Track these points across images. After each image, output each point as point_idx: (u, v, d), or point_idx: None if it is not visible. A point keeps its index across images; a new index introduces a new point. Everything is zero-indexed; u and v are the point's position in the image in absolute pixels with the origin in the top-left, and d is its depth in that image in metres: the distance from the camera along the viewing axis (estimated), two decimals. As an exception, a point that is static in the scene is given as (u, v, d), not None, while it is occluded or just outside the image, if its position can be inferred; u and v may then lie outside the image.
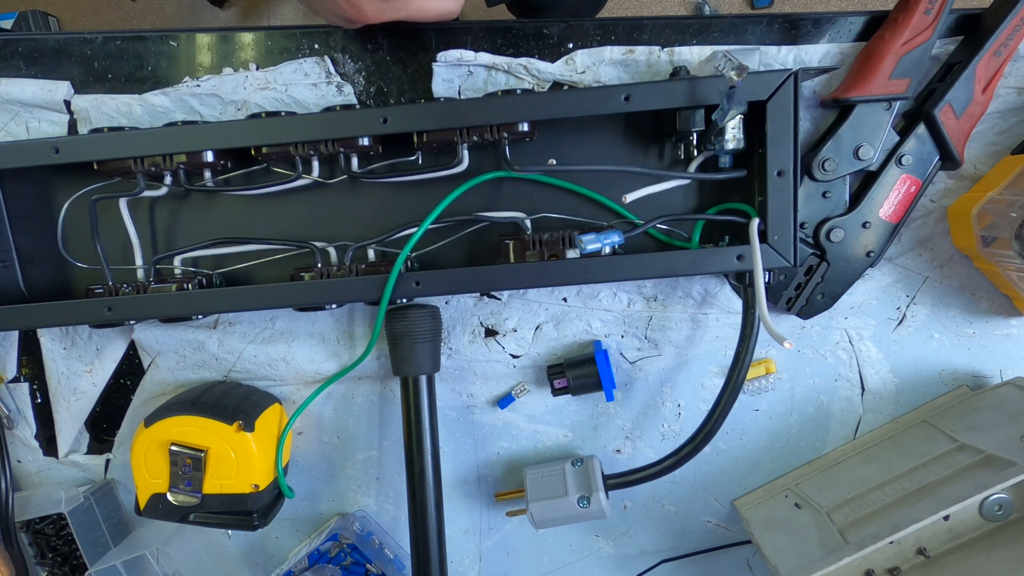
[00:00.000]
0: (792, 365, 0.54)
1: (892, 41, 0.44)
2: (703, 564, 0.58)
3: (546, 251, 0.46)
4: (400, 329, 0.49)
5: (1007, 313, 0.52)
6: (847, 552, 0.43)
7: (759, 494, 0.55)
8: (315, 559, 0.56)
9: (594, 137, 0.48)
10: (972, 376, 0.53)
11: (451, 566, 0.58)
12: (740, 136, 0.44)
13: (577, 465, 0.53)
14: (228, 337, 0.53)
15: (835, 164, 0.47)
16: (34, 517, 0.55)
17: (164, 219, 0.51)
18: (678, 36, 0.48)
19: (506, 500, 0.56)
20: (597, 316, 0.53)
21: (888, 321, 0.53)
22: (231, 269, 0.51)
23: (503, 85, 0.49)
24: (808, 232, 0.49)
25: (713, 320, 0.53)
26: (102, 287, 0.48)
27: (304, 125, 0.44)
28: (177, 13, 1.57)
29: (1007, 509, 0.44)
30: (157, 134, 0.44)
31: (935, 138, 0.47)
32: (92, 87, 0.50)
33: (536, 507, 0.50)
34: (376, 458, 0.57)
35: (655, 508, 0.57)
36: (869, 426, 0.54)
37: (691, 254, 0.45)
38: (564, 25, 0.48)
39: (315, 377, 0.54)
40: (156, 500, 0.50)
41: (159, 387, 0.55)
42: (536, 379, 0.54)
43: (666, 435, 0.55)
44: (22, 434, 0.56)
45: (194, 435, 0.48)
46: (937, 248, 0.51)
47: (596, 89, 0.43)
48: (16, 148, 0.45)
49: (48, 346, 0.54)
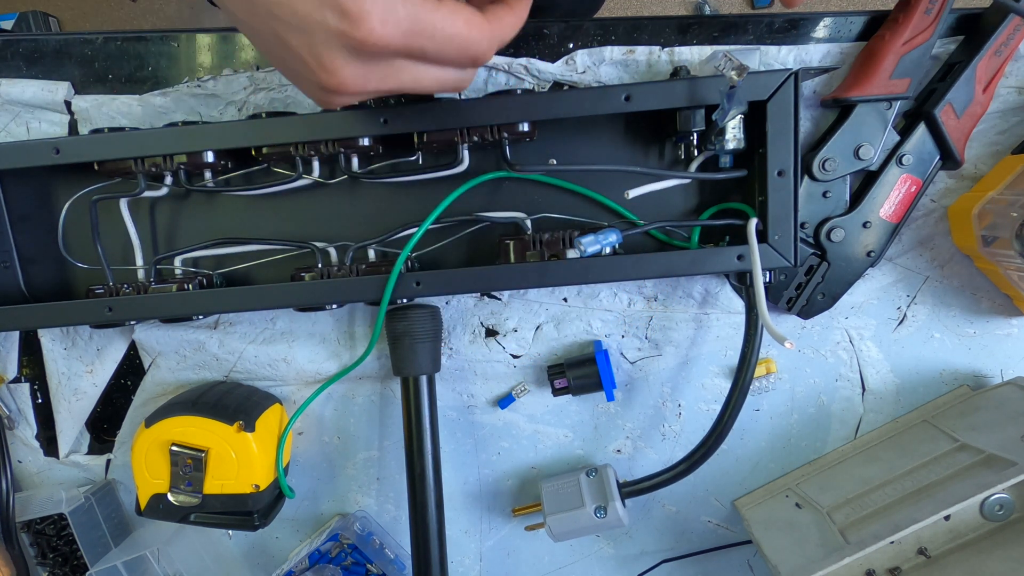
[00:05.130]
0: (793, 365, 0.54)
1: (892, 41, 0.44)
2: (703, 564, 0.58)
3: (546, 251, 0.46)
4: (400, 329, 0.49)
5: (1008, 313, 0.52)
6: (848, 552, 0.43)
7: (760, 494, 0.55)
8: (316, 559, 0.56)
9: (594, 137, 0.48)
10: (973, 376, 0.53)
11: (451, 566, 0.58)
12: (740, 136, 0.44)
13: (592, 475, 0.53)
14: (229, 337, 0.53)
15: (835, 164, 0.47)
16: (35, 517, 0.55)
17: (164, 219, 0.51)
18: (678, 36, 0.48)
19: (523, 515, 0.56)
20: (597, 316, 0.53)
21: (889, 321, 0.53)
22: (231, 269, 0.51)
23: (503, 85, 0.49)
24: (809, 232, 0.49)
25: (714, 320, 0.53)
26: (103, 287, 0.48)
27: (304, 125, 0.44)
28: (177, 13, 1.57)
29: (1008, 509, 0.44)
30: (157, 134, 0.44)
31: (936, 138, 0.47)
32: (93, 87, 0.50)
33: (554, 520, 0.50)
34: (377, 458, 0.57)
35: (656, 508, 0.57)
36: (870, 426, 0.54)
37: (691, 254, 0.45)
38: (564, 25, 0.48)
39: (316, 377, 0.54)
40: (157, 500, 0.50)
41: (160, 387, 0.55)
42: (536, 379, 0.54)
43: (667, 435, 0.55)
44: (23, 434, 0.56)
45: (195, 435, 0.48)
46: (938, 248, 0.51)
47: (596, 89, 0.43)
48: (17, 148, 0.45)
49: (49, 346, 0.54)
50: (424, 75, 0.32)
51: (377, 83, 0.31)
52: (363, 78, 0.30)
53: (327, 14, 0.28)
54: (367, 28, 0.28)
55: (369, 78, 0.30)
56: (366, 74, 0.30)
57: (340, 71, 0.30)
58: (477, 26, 0.31)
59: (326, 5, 0.27)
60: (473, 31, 0.31)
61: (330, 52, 0.29)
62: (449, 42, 0.31)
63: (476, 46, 0.31)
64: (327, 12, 0.28)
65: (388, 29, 0.28)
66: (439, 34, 0.30)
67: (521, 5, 0.35)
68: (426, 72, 0.32)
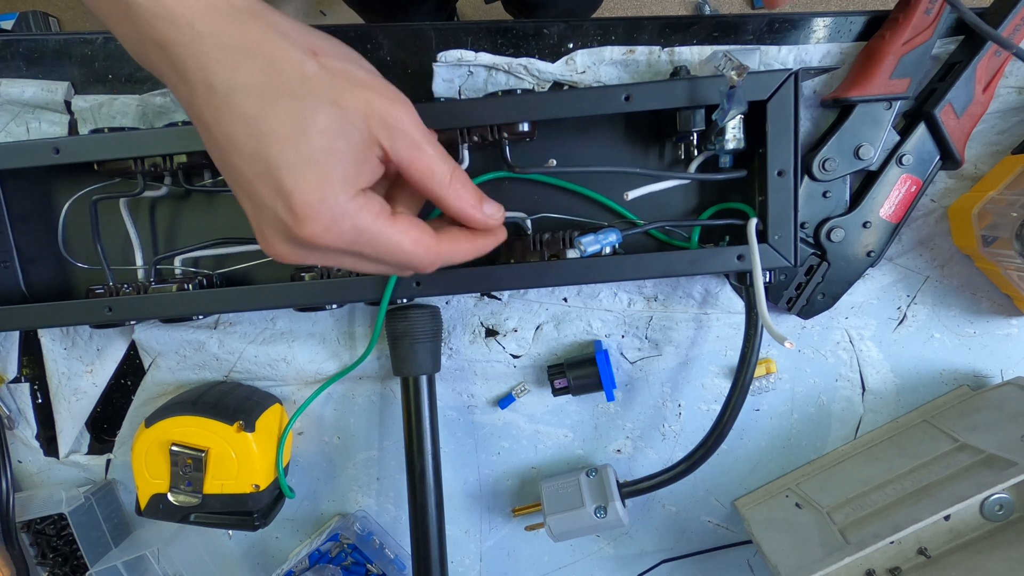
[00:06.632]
0: (793, 365, 0.54)
1: (892, 41, 0.44)
2: (703, 564, 0.58)
3: (546, 251, 0.46)
4: (401, 329, 0.49)
5: (1008, 313, 0.52)
6: (848, 552, 0.43)
7: (760, 494, 0.55)
8: (316, 559, 0.56)
9: (594, 137, 0.48)
10: (973, 376, 0.53)
11: (452, 566, 0.58)
12: (740, 136, 0.44)
13: (592, 475, 0.53)
14: (229, 337, 0.53)
15: (835, 164, 0.47)
16: (35, 517, 0.55)
17: (164, 219, 0.51)
18: (678, 36, 0.48)
19: (523, 515, 0.56)
20: (597, 316, 0.53)
21: (889, 321, 0.53)
22: (231, 269, 0.51)
23: (503, 85, 0.49)
24: (808, 232, 0.49)
25: (714, 320, 0.53)
26: (103, 287, 0.48)
27: (304, 125, 0.44)
28: (177, 13, 1.57)
29: (1008, 509, 0.44)
30: (157, 134, 0.44)
31: (936, 138, 0.47)
32: (93, 87, 0.50)
33: (553, 520, 0.51)
34: (376, 458, 0.57)
35: (655, 508, 0.57)
36: (870, 426, 0.54)
37: (691, 254, 0.45)
38: (564, 25, 0.48)
39: (316, 377, 0.54)
40: (157, 500, 0.50)
41: (160, 387, 0.55)
42: (536, 379, 0.54)
43: (667, 435, 0.55)
44: (23, 434, 0.56)
45: (195, 435, 0.48)
46: (938, 248, 0.51)
47: (596, 89, 0.43)
48: (17, 148, 0.45)
49: (49, 346, 0.54)
50: (359, 266, 0.33)
51: (313, 261, 0.32)
52: (297, 257, 0.31)
53: (278, 203, 0.29)
54: (309, 231, 0.29)
55: (304, 258, 0.31)
56: (301, 256, 0.31)
57: (276, 247, 0.31)
58: (424, 246, 0.32)
59: (279, 196, 0.28)
60: (418, 248, 0.32)
61: (272, 231, 0.30)
62: (389, 253, 0.31)
63: (416, 261, 0.32)
64: (278, 202, 0.28)
65: (329, 237, 0.29)
66: (381, 246, 0.31)
67: (483, 240, 0.36)
68: (361, 264, 0.33)
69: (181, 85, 0.28)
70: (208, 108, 0.28)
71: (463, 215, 0.34)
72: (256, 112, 0.27)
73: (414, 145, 0.30)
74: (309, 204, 0.28)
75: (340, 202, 0.29)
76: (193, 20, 0.27)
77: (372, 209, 0.30)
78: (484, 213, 0.34)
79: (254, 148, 0.28)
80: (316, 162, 0.28)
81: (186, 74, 0.28)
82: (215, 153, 0.30)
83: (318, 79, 0.28)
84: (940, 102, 0.45)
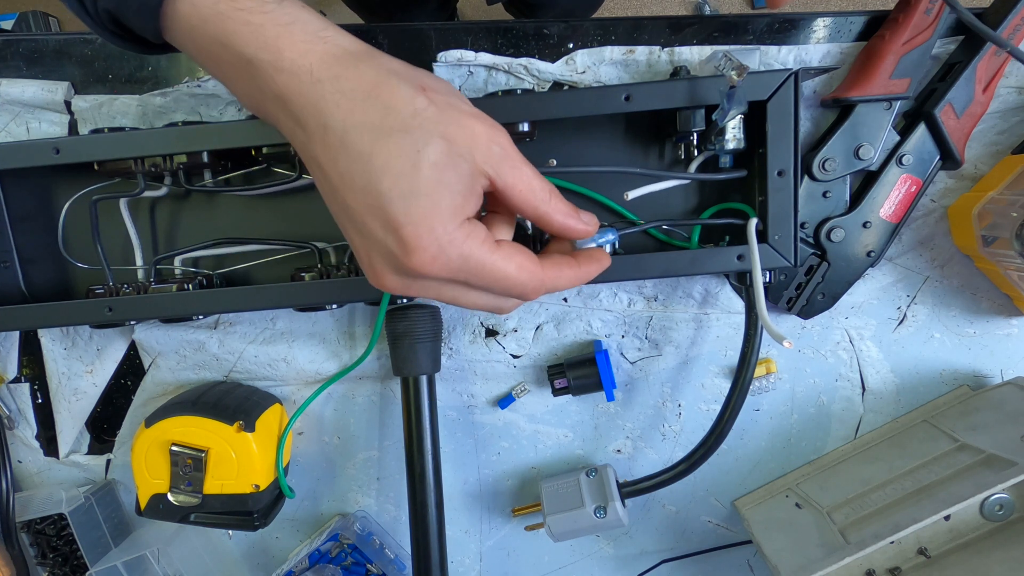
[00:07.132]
0: (793, 365, 0.54)
1: (892, 41, 0.44)
2: (703, 564, 0.58)
3: (546, 251, 0.46)
4: (400, 329, 0.49)
5: (1008, 313, 0.52)
6: (848, 552, 0.43)
7: (760, 494, 0.55)
8: (316, 559, 0.56)
9: (594, 137, 0.48)
10: (973, 376, 0.53)
11: (452, 566, 0.58)
12: (740, 136, 0.44)
13: (591, 475, 0.53)
14: (229, 337, 0.53)
15: (835, 164, 0.47)
16: (35, 517, 0.55)
17: (164, 219, 0.51)
18: (678, 36, 0.48)
19: (523, 515, 0.56)
20: (597, 316, 0.53)
21: (889, 321, 0.53)
22: (231, 269, 0.51)
23: (503, 85, 0.49)
24: (808, 232, 0.49)
25: (714, 320, 0.53)
26: (103, 287, 0.48)
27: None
28: (177, 13, 1.57)
29: (1008, 509, 0.44)
30: (157, 134, 0.44)
31: (936, 138, 0.47)
32: (92, 87, 0.50)
33: (553, 520, 0.51)
34: (376, 458, 0.57)
35: (655, 508, 0.57)
36: (870, 426, 0.54)
37: (691, 254, 0.45)
38: (564, 25, 0.48)
39: (316, 377, 0.54)
40: (157, 500, 0.50)
41: (160, 387, 0.55)
42: (536, 379, 0.54)
43: (667, 435, 0.55)
44: (23, 434, 0.56)
45: (195, 435, 0.48)
46: (938, 248, 0.51)
47: (596, 89, 0.43)
48: (17, 148, 0.45)
49: (49, 346, 0.54)
50: (464, 297, 0.34)
51: (417, 293, 0.33)
52: (404, 288, 0.32)
53: (388, 236, 0.30)
54: (418, 261, 0.30)
55: (410, 289, 0.32)
56: (408, 286, 0.32)
57: (384, 279, 0.32)
58: (529, 272, 0.33)
59: (389, 228, 0.29)
60: (523, 275, 0.33)
61: (381, 264, 0.31)
62: (495, 281, 0.32)
63: (521, 288, 0.33)
64: (389, 236, 0.30)
65: (436, 266, 0.30)
66: (487, 274, 0.32)
67: (590, 266, 0.36)
68: (466, 295, 0.34)
69: (298, 131, 0.30)
70: (324, 149, 0.29)
71: (564, 228, 0.34)
72: (370, 148, 0.29)
73: (515, 167, 0.31)
74: (418, 235, 0.29)
75: (448, 231, 0.30)
76: (312, 68, 0.29)
77: (478, 237, 0.31)
78: (583, 222, 0.35)
79: (366, 183, 0.29)
80: (426, 194, 0.29)
81: (304, 121, 0.29)
82: (328, 194, 0.31)
83: (427, 114, 0.29)
84: (940, 102, 0.45)
